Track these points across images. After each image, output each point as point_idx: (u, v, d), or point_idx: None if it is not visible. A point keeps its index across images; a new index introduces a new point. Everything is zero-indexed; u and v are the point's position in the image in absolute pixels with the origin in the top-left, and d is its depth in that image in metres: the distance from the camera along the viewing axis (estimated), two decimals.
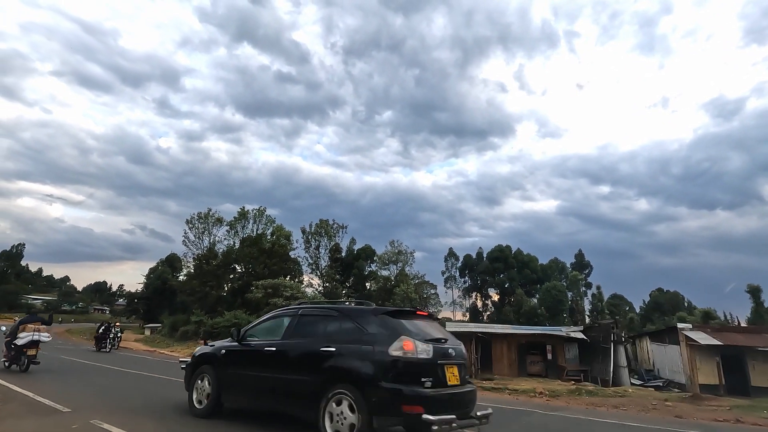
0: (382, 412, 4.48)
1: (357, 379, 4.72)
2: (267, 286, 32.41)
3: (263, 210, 47.95)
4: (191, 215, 46.42)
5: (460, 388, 5.06)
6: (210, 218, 46.28)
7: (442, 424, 4.27)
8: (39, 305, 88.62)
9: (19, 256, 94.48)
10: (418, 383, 4.57)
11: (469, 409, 5.10)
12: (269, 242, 46.90)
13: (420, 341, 4.83)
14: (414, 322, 5.36)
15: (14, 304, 79.54)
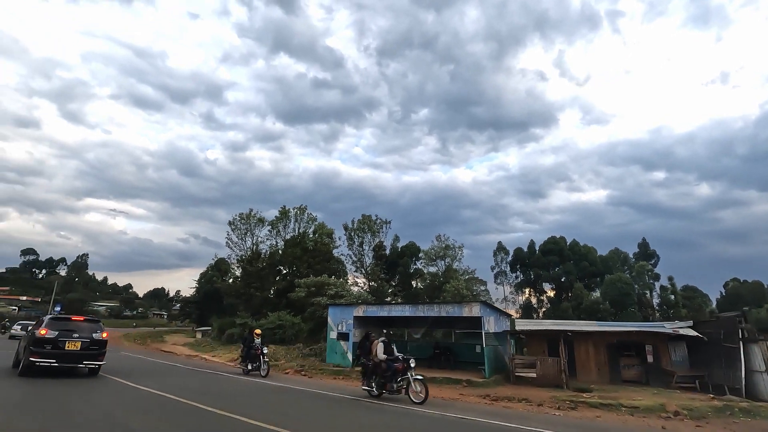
0: None
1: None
2: (310, 285, 29.54)
3: (304, 208, 45.53)
4: (233, 216, 44.77)
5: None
6: (252, 219, 44.41)
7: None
8: (103, 311, 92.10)
9: (84, 265, 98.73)
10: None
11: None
12: (311, 241, 44.33)
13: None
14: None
15: (81, 310, 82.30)
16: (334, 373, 17.82)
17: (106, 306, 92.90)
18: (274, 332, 29.99)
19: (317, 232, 44.93)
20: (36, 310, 68.57)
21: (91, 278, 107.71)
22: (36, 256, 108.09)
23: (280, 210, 44.60)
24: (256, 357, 16.01)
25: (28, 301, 72.40)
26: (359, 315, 19.17)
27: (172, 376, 14.26)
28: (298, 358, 20.77)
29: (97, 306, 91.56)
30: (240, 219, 44.15)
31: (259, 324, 33.33)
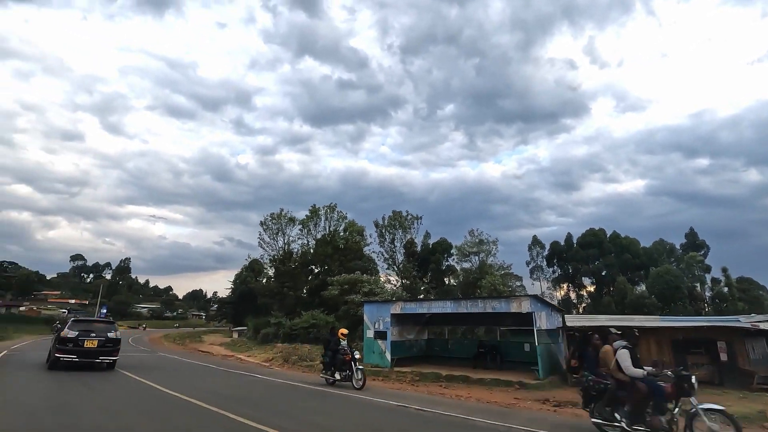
0: None
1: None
2: (343, 283, 28.68)
3: (334, 206, 44.88)
4: (264, 217, 44.66)
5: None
6: (282, 218, 44.16)
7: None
8: (145, 313, 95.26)
9: (127, 269, 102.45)
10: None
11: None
12: (342, 239, 43.66)
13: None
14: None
15: (126, 312, 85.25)
16: (372, 374, 16.75)
17: (148, 308, 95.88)
18: (307, 331, 29.34)
19: (348, 230, 44.23)
20: (84, 313, 71.14)
21: (134, 281, 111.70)
22: (84, 261, 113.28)
23: (311, 209, 44.15)
24: (346, 364, 12.85)
25: (76, 304, 75.48)
26: (396, 312, 18.02)
27: (204, 378, 13.57)
28: None
29: (140, 308, 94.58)
30: (271, 219, 44.02)
31: (293, 323, 32.86)
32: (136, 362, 18.04)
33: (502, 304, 15.30)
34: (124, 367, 15.08)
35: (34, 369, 13.61)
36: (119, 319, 77.04)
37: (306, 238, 43.95)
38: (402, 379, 15.77)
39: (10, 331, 39.22)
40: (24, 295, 75.34)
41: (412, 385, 14.44)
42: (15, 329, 40.45)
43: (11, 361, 17.62)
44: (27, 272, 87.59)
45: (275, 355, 22.43)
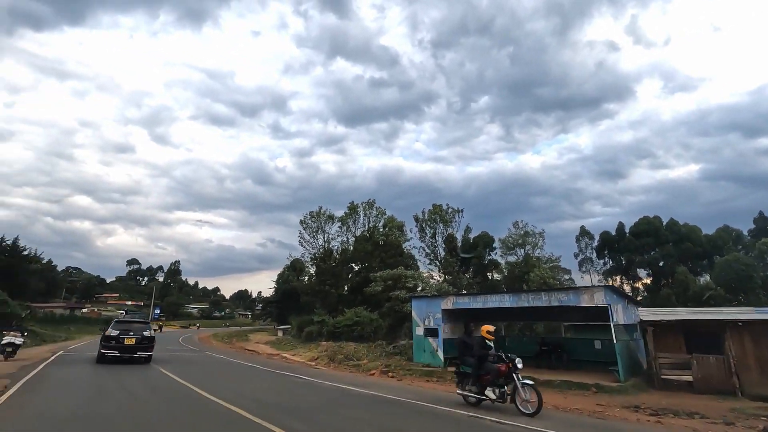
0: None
1: None
2: (386, 278, 27.39)
3: (372, 203, 43.79)
4: (304, 215, 44.24)
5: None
6: (321, 216, 43.55)
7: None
8: (195, 313, 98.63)
9: (177, 272, 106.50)
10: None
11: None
12: (382, 235, 42.49)
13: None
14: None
15: (177, 312, 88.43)
16: (425, 374, 15.38)
17: (197, 308, 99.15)
18: (351, 329, 28.36)
19: (387, 225, 42.99)
20: (140, 313, 74.22)
21: (184, 283, 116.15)
22: (139, 265, 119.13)
23: (349, 206, 43.27)
24: (500, 376, 8.67)
25: (133, 305, 79.06)
26: (448, 308, 16.52)
27: (249, 381, 12.67)
28: (381, 357, 18.63)
29: (190, 308, 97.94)
30: (311, 217, 43.52)
31: (336, 321, 32.04)
32: (181, 362, 17.60)
33: (571, 297, 13.43)
34: (168, 368, 14.55)
35: (84, 364, 14.85)
36: (171, 319, 79.96)
37: (345, 236, 43.16)
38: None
39: (72, 331, 40.96)
40: (87, 297, 79.76)
41: None
42: (77, 329, 42.28)
43: (67, 358, 17.71)
44: (89, 277, 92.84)
45: (320, 354, 21.51)
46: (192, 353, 24.11)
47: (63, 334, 36.05)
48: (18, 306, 29.09)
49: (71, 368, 14.32)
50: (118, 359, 15.09)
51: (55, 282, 67.83)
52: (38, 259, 68.63)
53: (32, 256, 66.63)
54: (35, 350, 22.25)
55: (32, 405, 7.89)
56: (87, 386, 10.06)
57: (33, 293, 58.32)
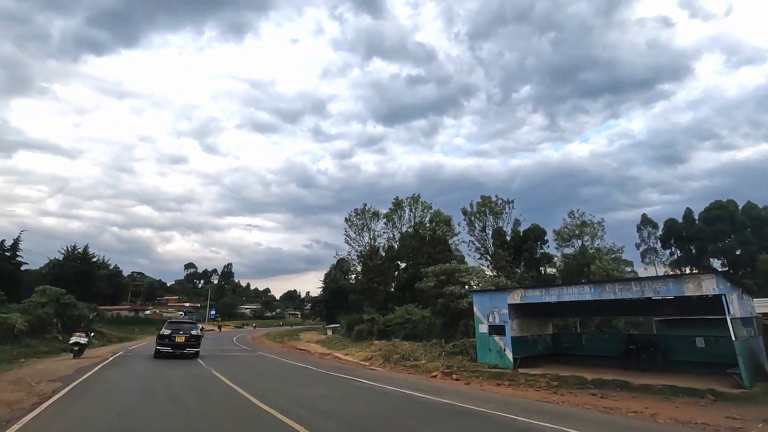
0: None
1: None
2: (439, 273, 25.68)
3: (417, 197, 42.20)
4: (349, 213, 43.41)
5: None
6: (366, 213, 42.50)
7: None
8: (248, 313, 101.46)
9: (230, 274, 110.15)
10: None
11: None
12: (428, 230, 40.82)
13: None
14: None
15: (231, 313, 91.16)
16: (493, 377, 13.62)
17: (250, 308, 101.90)
18: (403, 327, 26.95)
19: (434, 220, 41.23)
20: (197, 314, 77.06)
21: (237, 285, 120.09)
22: (195, 269, 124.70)
23: (394, 201, 41.94)
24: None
25: (191, 306, 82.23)
26: (515, 302, 14.65)
27: (304, 385, 11.54)
28: (440, 357, 17.03)
29: (243, 309, 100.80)
30: (356, 215, 42.59)
31: (386, 319, 30.79)
32: (233, 363, 16.93)
33: (671, 287, 11.16)
34: (219, 369, 13.78)
35: (138, 364, 15.30)
36: (226, 320, 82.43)
37: (392, 232, 41.85)
38: (534, 384, 12.41)
39: (136, 332, 42.55)
40: (150, 300, 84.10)
41: (553, 393, 11.05)
42: (140, 330, 43.92)
43: (124, 358, 17.59)
44: (152, 281, 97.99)
45: (374, 354, 20.25)
46: (245, 353, 23.68)
47: (127, 334, 37.36)
48: (86, 308, 30.20)
49: (124, 369, 13.93)
50: (170, 354, 17.07)
51: (121, 286, 71.63)
52: (106, 265, 73.09)
53: (101, 263, 71.09)
54: (100, 350, 22.67)
55: (71, 414, 7.08)
56: (134, 391, 9.29)
57: (102, 297, 61.79)
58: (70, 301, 27.38)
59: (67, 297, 27.46)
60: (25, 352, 19.35)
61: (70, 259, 61.25)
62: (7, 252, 51.03)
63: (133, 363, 15.97)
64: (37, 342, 22.60)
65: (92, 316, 30.10)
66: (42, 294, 27.12)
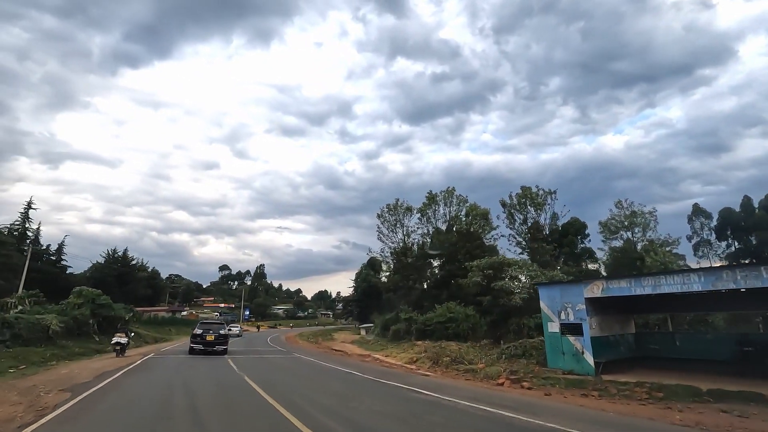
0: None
1: None
2: (485, 267, 23.23)
3: (452, 190, 39.68)
4: (381, 209, 41.41)
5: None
6: (399, 209, 40.36)
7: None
8: (281, 313, 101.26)
9: (263, 275, 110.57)
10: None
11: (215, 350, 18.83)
12: (464, 225, 38.36)
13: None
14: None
15: (264, 313, 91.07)
16: (572, 385, 11.20)
17: (283, 309, 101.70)
18: (445, 327, 24.69)
19: (470, 214, 38.68)
20: (232, 315, 77.16)
21: (269, 286, 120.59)
22: (229, 270, 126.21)
23: (427, 195, 39.60)
24: None
25: (225, 307, 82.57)
26: (594, 296, 12.16)
27: (352, 397, 9.53)
28: (500, 361, 14.69)
29: (276, 309, 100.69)
30: (388, 210, 40.54)
31: (426, 318, 28.62)
32: (268, 368, 15.17)
33: None
34: (253, 376, 11.97)
35: (164, 370, 13.97)
36: (260, 320, 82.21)
37: (426, 227, 39.54)
38: (630, 395, 9.94)
39: (172, 332, 42.09)
40: (186, 301, 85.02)
41: (666, 408, 8.58)
42: (177, 330, 43.50)
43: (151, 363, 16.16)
44: (188, 282, 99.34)
45: (418, 356, 18.12)
46: (280, 355, 22.01)
47: (164, 335, 36.76)
48: (122, 309, 29.56)
49: (148, 375, 12.37)
50: (203, 351, 18.83)
51: (159, 288, 72.49)
52: (145, 267, 74.36)
53: (140, 266, 72.30)
54: (132, 352, 21.57)
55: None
56: (148, 408, 7.50)
57: (141, 298, 62.52)
58: (105, 302, 26.64)
59: (102, 298, 26.75)
60: (58, 354, 18.39)
61: (111, 262, 62.41)
62: (52, 256, 52.21)
63: (159, 367, 14.48)
64: (73, 343, 21.76)
65: (128, 317, 29.36)
66: (78, 295, 26.49)
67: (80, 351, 20.80)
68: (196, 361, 16.43)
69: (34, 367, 15.06)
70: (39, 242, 51.14)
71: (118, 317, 27.65)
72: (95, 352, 22.01)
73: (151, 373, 12.77)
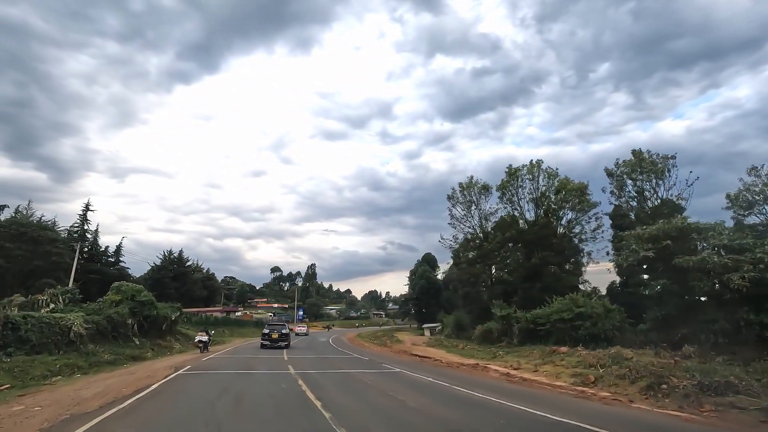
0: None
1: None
2: (659, 237, 15.51)
3: (538, 163, 32.25)
4: (452, 189, 34.64)
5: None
6: (473, 187, 33.43)
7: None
8: (334, 313, 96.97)
9: (314, 275, 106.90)
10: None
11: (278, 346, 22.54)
12: (556, 202, 30.92)
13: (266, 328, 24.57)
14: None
15: (317, 313, 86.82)
16: None
17: (335, 309, 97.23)
18: (574, 326, 17.66)
19: (561, 190, 31.09)
20: (286, 315, 73.45)
21: (320, 286, 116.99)
22: (281, 272, 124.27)
23: (508, 170, 32.39)
24: None
25: (279, 307, 79.18)
26: None
27: None
28: None
29: (328, 309, 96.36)
30: (461, 190, 33.70)
31: (535, 315, 21.73)
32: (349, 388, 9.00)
33: None
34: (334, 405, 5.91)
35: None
36: (312, 320, 77.91)
37: (508, 208, 32.34)
38: None
39: (226, 334, 37.67)
40: (241, 302, 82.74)
41: None
42: (230, 332, 39.04)
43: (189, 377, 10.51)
44: (242, 284, 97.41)
45: (582, 371, 11.32)
46: (365, 368, 15.60)
47: (216, 337, 32.20)
48: (168, 308, 24.99)
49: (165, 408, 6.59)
50: (270, 346, 22.36)
51: (215, 289, 70.33)
52: (200, 268, 72.56)
53: (195, 266, 70.46)
54: (166, 362, 16.35)
55: None
56: None
57: (197, 299, 60.14)
58: (147, 300, 21.91)
59: (143, 295, 22.09)
60: (75, 364, 13.38)
61: (167, 263, 60.47)
62: (111, 257, 50.15)
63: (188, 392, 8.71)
64: (104, 348, 16.91)
65: (174, 317, 24.65)
66: (117, 291, 22.06)
67: (109, 358, 15.84)
68: (259, 385, 10.63)
69: (29, 386, 10.05)
70: (97, 244, 48.79)
71: (162, 317, 22.99)
72: (130, 359, 17.04)
73: (173, 405, 6.94)
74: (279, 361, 16.66)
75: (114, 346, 17.92)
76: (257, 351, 21.65)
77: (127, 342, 19.54)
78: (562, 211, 31.66)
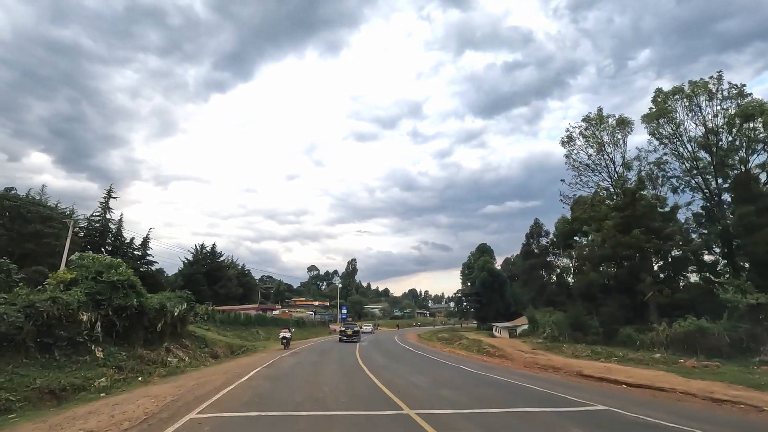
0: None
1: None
2: None
3: (718, 76, 20.56)
4: (569, 126, 23.44)
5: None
6: (604, 122, 22.13)
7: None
8: (377, 312, 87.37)
9: (354, 271, 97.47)
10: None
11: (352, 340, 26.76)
12: (747, 133, 19.31)
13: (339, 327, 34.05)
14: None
15: (360, 312, 77.39)
16: None
17: (378, 308, 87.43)
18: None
19: (750, 117, 19.39)
20: (328, 314, 64.89)
21: (359, 285, 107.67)
22: (317, 271, 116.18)
23: (657, 92, 20.93)
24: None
25: (319, 306, 70.61)
26: None
27: None
28: None
29: (371, 308, 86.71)
30: (586, 127, 22.48)
31: None
32: None
33: None
34: None
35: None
36: (357, 319, 68.48)
37: (664, 151, 20.81)
38: None
39: (260, 336, 28.17)
40: (279, 301, 75.00)
41: None
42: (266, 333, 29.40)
43: None
44: (279, 282, 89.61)
45: None
46: (542, 402, 5.36)
47: (246, 341, 22.71)
48: (173, 298, 15.42)
49: None
50: (344, 341, 25.97)
51: (251, 287, 62.60)
52: (234, 264, 65.03)
53: (229, 262, 62.87)
54: (157, 389, 6.24)
55: None
56: None
57: (232, 297, 52.39)
58: (124, 280, 12.33)
59: (120, 272, 12.61)
60: None
61: (199, 258, 52.98)
62: (137, 251, 42.34)
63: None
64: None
65: (177, 312, 14.91)
66: (74, 267, 12.76)
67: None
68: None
69: None
70: (122, 236, 40.50)
71: (154, 312, 13.44)
72: (61, 390, 7.43)
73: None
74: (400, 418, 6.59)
75: (29, 366, 8.34)
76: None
77: (76, 354, 9.98)
78: (751, 150, 19.94)
